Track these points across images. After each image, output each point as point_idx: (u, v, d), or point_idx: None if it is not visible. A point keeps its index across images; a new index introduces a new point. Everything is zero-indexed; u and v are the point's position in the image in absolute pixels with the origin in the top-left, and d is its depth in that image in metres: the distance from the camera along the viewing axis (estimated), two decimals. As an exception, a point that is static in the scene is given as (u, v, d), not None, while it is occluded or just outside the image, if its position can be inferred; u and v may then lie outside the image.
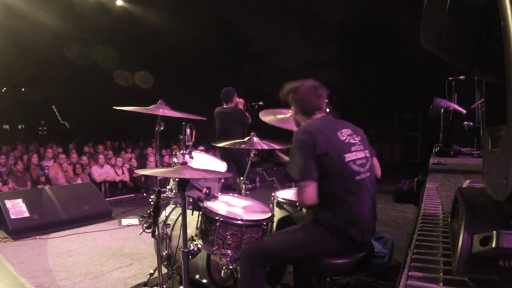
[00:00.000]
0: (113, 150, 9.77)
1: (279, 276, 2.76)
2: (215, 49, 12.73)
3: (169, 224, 2.96)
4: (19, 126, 17.93)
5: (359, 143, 2.08)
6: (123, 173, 8.05)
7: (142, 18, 11.64)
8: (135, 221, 5.37)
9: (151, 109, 2.77)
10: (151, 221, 2.55)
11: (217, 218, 2.36)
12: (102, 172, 7.76)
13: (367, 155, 2.09)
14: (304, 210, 2.31)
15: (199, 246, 2.43)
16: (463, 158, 3.42)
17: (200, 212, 2.50)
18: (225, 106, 5.51)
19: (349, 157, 1.99)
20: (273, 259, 2.04)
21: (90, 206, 5.59)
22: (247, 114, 5.54)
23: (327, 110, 2.35)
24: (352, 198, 1.98)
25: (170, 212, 3.15)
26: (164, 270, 2.98)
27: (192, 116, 2.80)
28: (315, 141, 1.94)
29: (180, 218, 2.79)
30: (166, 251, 2.94)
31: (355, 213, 1.99)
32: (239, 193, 3.04)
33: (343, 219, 1.95)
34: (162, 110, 2.76)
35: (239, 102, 5.58)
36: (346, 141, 2.04)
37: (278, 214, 2.81)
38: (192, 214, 2.49)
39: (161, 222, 2.84)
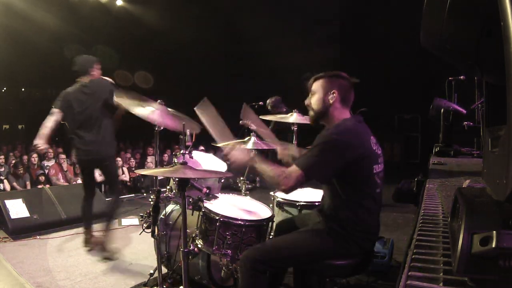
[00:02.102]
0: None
1: (281, 279, 2.75)
2: (215, 49, 12.71)
3: (169, 224, 2.96)
4: (19, 126, 17.90)
5: (381, 155, 2.06)
6: (123, 173, 8.06)
7: (142, 18, 11.63)
8: (135, 221, 5.37)
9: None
10: (151, 221, 2.55)
11: (217, 218, 2.36)
12: (102, 172, 7.76)
13: (383, 168, 2.08)
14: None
15: (199, 246, 2.43)
16: (463, 158, 3.43)
17: (200, 212, 2.50)
18: (83, 81, 3.79)
19: (375, 168, 1.99)
20: (277, 263, 2.01)
21: (90, 206, 5.58)
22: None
23: (363, 109, 2.28)
24: (371, 209, 1.99)
25: (170, 212, 3.15)
26: (164, 270, 2.98)
27: (190, 121, 2.74)
28: (348, 145, 1.88)
29: (180, 218, 2.79)
30: (166, 251, 2.93)
31: (371, 224, 2.02)
32: (239, 193, 3.04)
33: (361, 228, 1.96)
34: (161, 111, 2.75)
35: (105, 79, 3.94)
36: (376, 150, 2.01)
37: (278, 214, 2.81)
38: (192, 214, 2.49)
39: (161, 222, 2.84)
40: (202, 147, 7.87)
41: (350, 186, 1.93)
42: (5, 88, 17.87)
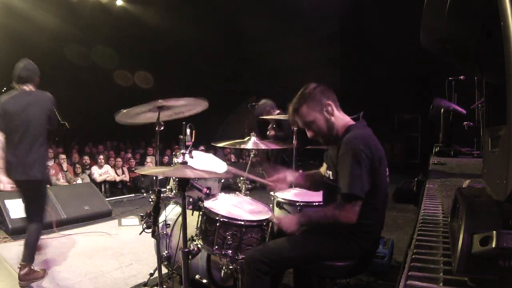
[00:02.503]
0: (113, 150, 9.78)
1: (280, 278, 2.75)
2: (215, 49, 12.71)
3: (169, 224, 2.96)
4: (19, 126, 17.90)
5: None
6: (123, 173, 8.06)
7: (142, 18, 11.63)
8: (135, 221, 5.37)
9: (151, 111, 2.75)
10: (151, 221, 2.55)
11: (217, 218, 2.36)
12: (102, 172, 7.76)
13: None
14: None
15: (199, 246, 2.43)
16: (463, 158, 3.43)
17: (200, 212, 2.50)
18: (26, 89, 3.37)
19: (387, 170, 2.00)
20: (279, 264, 2.01)
21: (90, 206, 5.59)
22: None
23: (360, 112, 2.23)
24: (381, 210, 2.01)
25: (170, 212, 3.15)
26: (164, 270, 2.98)
27: (192, 99, 2.64)
28: (372, 154, 1.86)
29: (180, 218, 2.79)
30: (166, 251, 2.94)
31: (378, 223, 2.03)
32: (239, 193, 3.04)
33: (366, 229, 1.96)
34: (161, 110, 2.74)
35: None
36: (384, 153, 2.00)
37: (278, 214, 2.81)
38: (192, 214, 2.49)
39: (161, 222, 2.84)
40: (202, 147, 7.87)
41: (369, 190, 1.89)
42: (5, 88, 17.85)
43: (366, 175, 1.83)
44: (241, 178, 3.12)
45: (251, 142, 2.99)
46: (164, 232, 2.90)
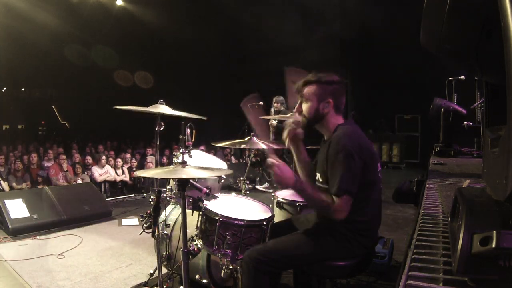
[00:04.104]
0: (114, 150, 9.78)
1: (278, 278, 2.74)
2: (215, 49, 12.71)
3: (169, 224, 2.96)
4: (19, 126, 17.95)
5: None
6: (123, 173, 8.06)
7: (142, 18, 11.63)
8: (135, 221, 5.37)
9: (151, 108, 2.77)
10: (151, 221, 2.55)
11: (217, 218, 2.36)
12: (102, 172, 7.76)
13: None
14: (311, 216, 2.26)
15: (199, 246, 2.43)
16: (463, 158, 3.43)
17: (200, 212, 2.50)
18: None
19: (378, 166, 2.03)
20: (280, 264, 2.01)
21: (90, 206, 5.58)
22: None
23: (353, 112, 2.26)
24: (377, 205, 2.02)
25: (170, 212, 3.15)
26: (164, 270, 2.98)
27: (191, 115, 2.75)
28: (361, 150, 1.88)
29: (180, 218, 2.79)
30: (166, 251, 2.94)
31: (375, 219, 2.04)
32: (239, 193, 3.04)
33: (365, 226, 1.97)
34: (162, 108, 2.75)
35: None
36: (375, 150, 2.04)
37: (278, 214, 2.81)
38: (192, 214, 2.49)
39: (161, 222, 2.84)
40: (202, 147, 7.87)
41: (362, 186, 1.91)
42: (5, 88, 17.89)
43: (357, 173, 1.85)
44: (241, 178, 3.13)
45: (251, 142, 2.99)
46: (164, 232, 2.90)
